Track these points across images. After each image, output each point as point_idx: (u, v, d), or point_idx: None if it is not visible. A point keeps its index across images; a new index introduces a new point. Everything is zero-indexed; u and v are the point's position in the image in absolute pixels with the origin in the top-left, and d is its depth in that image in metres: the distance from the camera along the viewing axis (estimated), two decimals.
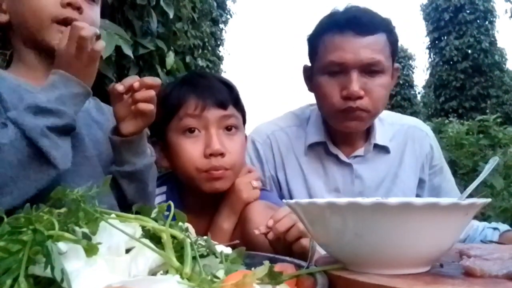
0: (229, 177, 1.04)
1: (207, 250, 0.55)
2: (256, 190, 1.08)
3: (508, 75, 18.03)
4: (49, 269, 0.38)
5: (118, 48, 1.97)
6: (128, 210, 0.56)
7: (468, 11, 17.58)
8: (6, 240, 0.41)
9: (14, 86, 0.88)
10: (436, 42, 18.52)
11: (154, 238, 0.51)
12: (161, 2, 2.48)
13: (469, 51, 17.38)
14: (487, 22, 17.72)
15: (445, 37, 18.10)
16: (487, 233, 1.24)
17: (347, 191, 1.26)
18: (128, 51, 2.05)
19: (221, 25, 12.49)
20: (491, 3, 17.65)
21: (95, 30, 0.81)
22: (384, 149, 1.29)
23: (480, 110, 15.65)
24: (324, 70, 1.17)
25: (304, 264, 0.58)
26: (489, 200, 0.58)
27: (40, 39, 0.90)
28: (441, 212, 0.51)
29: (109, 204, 0.87)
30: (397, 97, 21.06)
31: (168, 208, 0.55)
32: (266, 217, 0.91)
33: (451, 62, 17.79)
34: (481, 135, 5.38)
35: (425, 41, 19.17)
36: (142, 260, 0.47)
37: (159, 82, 0.88)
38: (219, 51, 11.89)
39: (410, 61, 21.67)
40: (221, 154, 1.02)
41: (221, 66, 11.97)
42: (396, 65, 1.24)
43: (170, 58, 2.66)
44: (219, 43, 11.97)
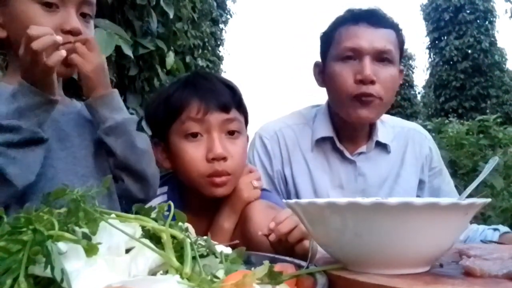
0: (230, 183, 1.05)
1: (207, 250, 0.55)
2: (256, 190, 1.08)
3: (508, 75, 18.03)
4: (49, 269, 0.38)
5: (118, 48, 1.97)
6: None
7: (468, 11, 17.58)
8: (6, 240, 0.41)
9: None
10: (436, 42, 18.52)
11: (154, 238, 0.51)
12: (161, 2, 2.48)
13: (469, 51, 17.38)
14: (487, 22, 17.72)
15: (445, 37, 18.10)
16: (487, 234, 1.25)
17: (351, 188, 1.30)
18: (128, 51, 2.05)
19: (221, 25, 12.48)
20: (491, 3, 17.65)
21: (52, 39, 0.76)
22: (386, 148, 1.33)
23: (480, 110, 15.66)
24: (338, 56, 1.23)
25: (304, 264, 0.58)
26: (489, 200, 0.58)
27: None
28: (441, 212, 0.51)
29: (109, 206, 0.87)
30: (397, 97, 21.03)
31: (168, 208, 0.55)
32: (266, 217, 0.91)
33: (451, 62, 17.79)
34: (481, 135, 5.38)
35: (425, 41, 19.18)
36: (142, 260, 0.47)
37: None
38: (219, 51, 11.89)
39: (410, 61, 21.66)
40: (224, 158, 1.02)
41: (221, 66, 11.97)
42: (401, 67, 1.30)
43: (170, 58, 2.67)
44: (219, 43, 11.97)
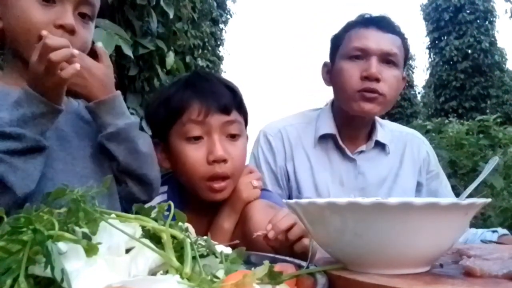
0: (229, 187, 1.05)
1: (207, 250, 0.55)
2: (256, 189, 1.08)
3: (508, 75, 18.02)
4: (49, 269, 0.39)
5: (118, 48, 1.97)
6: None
7: (468, 11, 17.57)
8: (6, 240, 0.41)
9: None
10: (436, 42, 18.51)
11: (154, 238, 0.51)
12: (161, 2, 2.48)
13: (469, 51, 17.37)
14: (487, 22, 17.71)
15: (445, 37, 18.09)
16: (486, 236, 1.27)
17: (350, 186, 1.35)
18: (128, 51, 2.05)
19: (221, 25, 12.48)
20: (491, 3, 17.64)
21: (69, 52, 0.75)
22: (384, 150, 1.39)
23: (480, 110, 15.65)
24: (347, 55, 1.30)
25: (304, 264, 0.58)
26: (489, 200, 0.58)
27: (27, 56, 0.84)
28: (441, 212, 0.51)
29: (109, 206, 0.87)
30: (397, 97, 21.01)
31: (168, 208, 0.55)
32: (266, 216, 0.91)
33: (451, 62, 17.78)
34: (481, 135, 5.38)
35: (425, 41, 19.17)
36: (142, 260, 0.47)
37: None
38: (219, 51, 11.89)
39: (410, 61, 21.66)
40: (224, 161, 1.02)
41: (221, 66, 11.97)
42: (404, 75, 1.37)
43: (170, 58, 2.67)
44: (219, 43, 11.97)
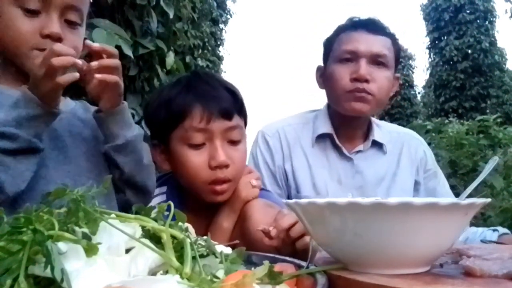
0: (230, 189, 1.06)
1: (207, 250, 0.55)
2: (255, 189, 1.09)
3: (508, 75, 18.03)
4: (49, 269, 0.38)
5: (118, 48, 1.96)
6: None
7: (468, 11, 17.57)
8: (6, 240, 0.41)
9: None
10: (436, 42, 18.51)
11: (154, 238, 0.51)
12: (161, 2, 2.48)
13: (469, 51, 17.37)
14: (487, 22, 17.71)
15: (445, 37, 18.09)
16: (486, 235, 1.27)
17: (348, 184, 1.36)
18: (128, 51, 2.05)
19: (221, 25, 12.49)
20: (491, 3, 17.64)
21: (72, 61, 0.78)
22: (382, 149, 1.41)
23: (480, 110, 15.66)
24: (338, 58, 1.33)
25: (304, 264, 0.58)
26: (488, 200, 0.58)
27: (19, 63, 0.88)
28: (440, 212, 0.51)
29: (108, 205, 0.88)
30: (397, 97, 21.03)
31: (168, 208, 0.55)
32: (265, 215, 0.92)
33: (451, 62, 17.78)
34: (481, 135, 5.38)
35: (425, 41, 19.17)
36: (142, 260, 0.47)
37: (116, 51, 0.87)
38: (219, 51, 11.89)
39: (410, 61, 21.66)
40: (226, 166, 1.02)
41: (221, 66, 11.98)
42: (397, 75, 1.40)
43: (170, 58, 2.67)
44: (219, 43, 11.97)
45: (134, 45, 2.25)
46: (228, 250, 0.58)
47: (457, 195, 1.32)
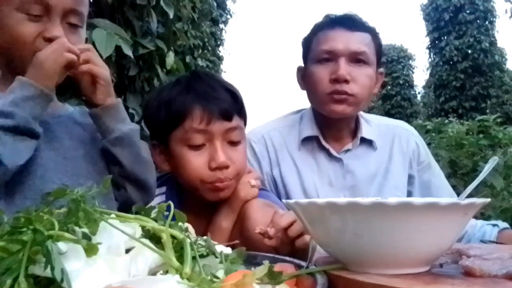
0: (232, 186, 1.05)
1: (207, 250, 0.55)
2: (254, 188, 1.09)
3: (508, 75, 18.04)
4: (49, 269, 0.39)
5: (118, 48, 1.97)
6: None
7: (468, 11, 17.58)
8: (6, 240, 0.41)
9: None
10: (436, 42, 18.52)
11: (154, 238, 0.51)
12: (161, 2, 2.48)
13: (469, 51, 17.38)
14: (487, 22, 17.72)
15: (445, 37, 18.10)
16: (486, 230, 1.24)
17: (339, 186, 1.32)
18: (128, 51, 2.05)
19: (221, 25, 12.50)
20: (491, 3, 17.65)
21: (69, 56, 0.85)
22: (372, 145, 1.36)
23: (480, 110, 15.66)
24: (316, 59, 1.29)
25: (304, 264, 0.58)
26: (488, 200, 0.58)
27: (22, 68, 0.89)
28: (440, 212, 0.51)
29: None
30: (397, 97, 21.04)
31: (168, 208, 0.55)
32: (264, 214, 0.91)
33: (451, 62, 17.79)
34: (481, 135, 5.37)
35: (425, 41, 19.18)
36: (142, 260, 0.47)
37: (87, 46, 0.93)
38: (219, 51, 11.90)
39: (410, 61, 21.66)
40: (226, 167, 1.02)
41: (221, 66, 11.98)
42: (381, 70, 1.35)
43: (170, 58, 2.67)
44: (219, 43, 11.98)
45: (134, 45, 2.25)
46: (228, 250, 0.58)
47: (457, 195, 1.31)
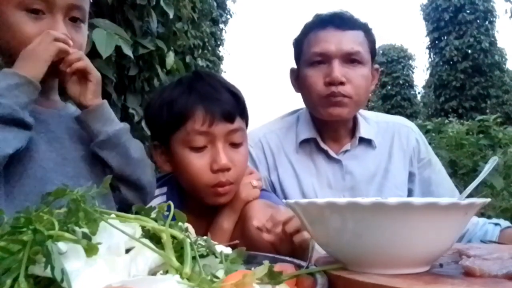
0: (232, 191, 1.05)
1: (207, 250, 0.55)
2: (255, 189, 1.08)
3: (508, 75, 18.05)
4: (49, 269, 0.39)
5: (118, 48, 1.97)
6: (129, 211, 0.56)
7: (468, 11, 17.60)
8: (6, 240, 0.41)
9: None
10: (436, 42, 18.54)
11: (154, 238, 0.51)
12: (161, 2, 2.48)
13: (469, 51, 17.40)
14: (487, 22, 17.74)
15: (445, 37, 18.12)
16: (487, 229, 1.22)
17: (339, 187, 1.30)
18: (128, 51, 2.05)
19: (221, 25, 12.50)
20: (491, 3, 17.66)
21: (65, 48, 0.86)
22: (371, 144, 1.33)
23: (480, 110, 15.67)
24: (308, 62, 1.25)
25: (304, 264, 0.58)
26: (488, 200, 0.58)
27: None
28: (440, 212, 0.51)
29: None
30: (397, 97, 21.06)
31: (168, 208, 0.55)
32: (265, 215, 0.91)
33: (451, 62, 17.81)
34: (481, 135, 5.38)
35: (425, 41, 19.20)
36: (142, 260, 0.47)
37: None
38: (219, 51, 11.89)
39: (410, 61, 21.67)
40: (228, 169, 1.01)
41: (221, 66, 11.98)
42: (376, 66, 1.32)
43: (170, 58, 2.67)
44: (219, 43, 11.97)
45: (134, 45, 2.25)
46: (228, 250, 0.58)
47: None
